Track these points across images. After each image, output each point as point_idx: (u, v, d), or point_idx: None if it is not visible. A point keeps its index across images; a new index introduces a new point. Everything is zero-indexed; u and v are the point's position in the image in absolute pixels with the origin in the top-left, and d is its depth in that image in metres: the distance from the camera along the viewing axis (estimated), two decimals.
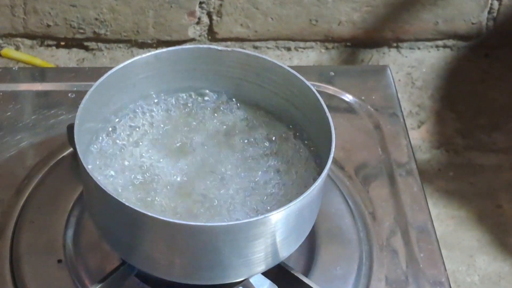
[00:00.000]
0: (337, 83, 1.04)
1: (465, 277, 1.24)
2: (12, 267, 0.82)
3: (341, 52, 1.50)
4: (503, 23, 1.51)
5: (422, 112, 1.45)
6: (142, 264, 0.76)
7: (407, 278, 0.84)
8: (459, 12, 1.47)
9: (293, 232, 0.75)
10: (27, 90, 1.00)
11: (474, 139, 1.42)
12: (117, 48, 1.46)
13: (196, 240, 0.70)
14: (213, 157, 0.81)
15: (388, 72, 1.07)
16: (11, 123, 0.96)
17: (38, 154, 0.92)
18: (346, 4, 1.43)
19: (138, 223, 0.71)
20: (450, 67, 1.52)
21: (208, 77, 0.85)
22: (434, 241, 0.88)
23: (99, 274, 0.80)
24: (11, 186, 0.89)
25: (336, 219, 0.88)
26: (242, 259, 0.73)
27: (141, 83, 0.83)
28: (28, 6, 1.38)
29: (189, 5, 1.41)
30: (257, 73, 0.83)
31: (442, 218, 1.31)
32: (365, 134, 0.99)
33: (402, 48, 1.51)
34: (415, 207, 0.91)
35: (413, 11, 1.46)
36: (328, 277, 0.83)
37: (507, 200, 1.34)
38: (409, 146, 0.97)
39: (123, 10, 1.40)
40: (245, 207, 0.77)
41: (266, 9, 1.42)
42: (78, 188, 0.87)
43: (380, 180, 0.93)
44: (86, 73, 1.02)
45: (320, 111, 0.78)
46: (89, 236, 0.84)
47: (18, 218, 0.86)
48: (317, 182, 0.72)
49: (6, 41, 1.44)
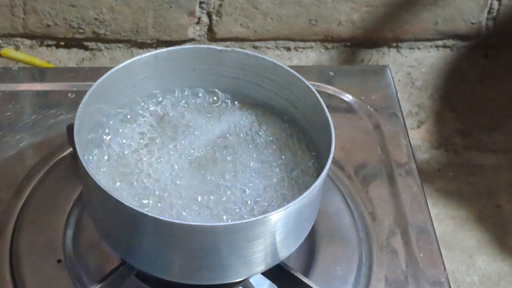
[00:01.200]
0: (337, 83, 1.04)
1: (465, 277, 1.24)
2: (12, 267, 0.82)
3: (340, 52, 1.50)
4: (503, 23, 1.51)
5: (421, 112, 1.45)
6: (142, 264, 0.76)
7: (406, 278, 0.84)
8: (459, 12, 1.47)
9: (292, 232, 0.75)
10: (26, 90, 1.00)
11: (473, 139, 1.43)
12: (117, 48, 1.46)
13: (196, 240, 0.70)
14: (212, 157, 0.81)
15: (387, 72, 1.07)
16: (11, 123, 0.96)
17: (38, 154, 0.92)
18: (345, 4, 1.43)
19: (138, 223, 0.71)
20: (450, 67, 1.52)
21: (208, 77, 0.85)
22: (434, 241, 0.88)
23: (98, 274, 0.80)
24: (11, 186, 0.89)
25: (336, 219, 0.88)
26: (242, 259, 0.73)
27: (140, 83, 0.83)
28: (27, 6, 1.38)
29: (189, 5, 1.41)
30: (257, 73, 0.83)
31: (442, 218, 1.31)
32: (365, 134, 0.99)
33: (401, 48, 1.51)
34: (414, 207, 0.91)
35: (413, 11, 1.46)
36: (328, 277, 0.83)
37: (506, 200, 1.34)
38: (408, 146, 0.97)
39: (123, 10, 1.40)
40: (244, 206, 0.76)
41: (266, 9, 1.42)
42: (78, 188, 0.87)
43: (379, 180, 0.93)
44: (85, 73, 1.02)
45: (320, 111, 0.78)
46: (89, 236, 0.84)
47: (18, 218, 0.86)
48: (317, 182, 0.72)
49: (5, 41, 1.44)
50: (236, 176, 0.79)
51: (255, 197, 0.77)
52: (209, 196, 0.77)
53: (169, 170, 0.79)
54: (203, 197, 0.77)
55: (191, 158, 0.80)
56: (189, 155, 0.81)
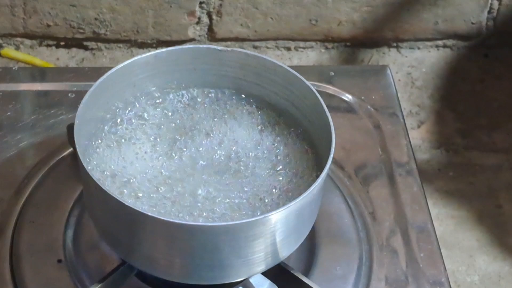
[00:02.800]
0: (337, 83, 1.04)
1: (465, 277, 1.24)
2: (12, 267, 0.82)
3: (341, 52, 1.50)
4: (503, 23, 1.51)
5: (422, 112, 1.45)
6: (142, 264, 0.76)
7: (407, 278, 0.84)
8: (459, 12, 1.47)
9: (293, 232, 0.75)
10: (27, 90, 1.00)
11: (474, 139, 1.43)
12: (117, 48, 1.46)
13: (196, 240, 0.70)
14: (213, 157, 0.81)
15: (388, 72, 1.07)
16: (11, 123, 0.96)
17: (38, 154, 0.92)
18: (346, 4, 1.43)
19: (138, 223, 0.71)
20: (450, 67, 1.52)
21: (208, 77, 0.85)
22: (434, 241, 0.88)
23: (99, 274, 0.80)
24: (11, 186, 0.89)
25: (336, 219, 0.88)
26: (242, 259, 0.73)
27: (141, 83, 0.83)
28: (28, 6, 1.38)
29: (189, 5, 1.41)
30: (257, 73, 0.83)
31: (442, 218, 1.31)
32: (365, 134, 0.99)
33: (402, 48, 1.51)
34: (415, 207, 0.91)
35: (413, 11, 1.46)
36: (328, 277, 0.83)
37: (507, 200, 1.34)
38: (409, 146, 0.97)
39: (123, 10, 1.40)
40: (244, 206, 0.76)
41: (266, 9, 1.42)
42: (78, 188, 0.87)
43: (380, 180, 0.93)
44: (86, 73, 1.02)
45: (320, 111, 0.78)
46: (89, 236, 0.84)
47: (18, 218, 0.86)
48: (317, 182, 0.72)
49: (6, 41, 1.44)
50: (236, 175, 0.79)
51: (256, 197, 0.77)
52: (210, 196, 0.77)
53: (170, 169, 0.79)
54: (204, 197, 0.77)
55: (192, 158, 0.80)
56: (190, 155, 0.81)
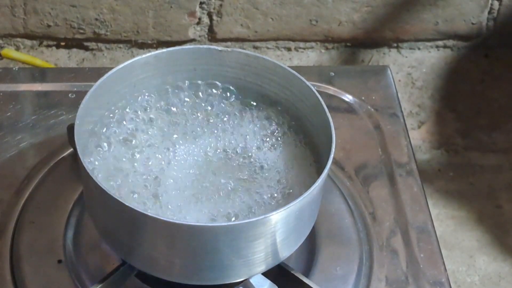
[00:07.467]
0: (337, 83, 1.04)
1: (465, 277, 1.24)
2: (12, 267, 0.82)
3: (341, 53, 1.50)
4: (503, 23, 1.51)
5: (422, 112, 1.45)
6: (142, 264, 0.76)
7: (407, 278, 0.85)
8: (459, 12, 1.47)
9: (293, 232, 0.75)
10: (27, 90, 1.00)
11: (474, 139, 1.43)
12: (117, 49, 1.46)
13: (196, 240, 0.70)
14: (213, 157, 0.81)
15: (388, 72, 1.07)
16: (11, 123, 0.96)
17: (38, 154, 0.92)
18: (346, 4, 1.43)
19: (138, 223, 0.71)
20: (450, 67, 1.52)
21: (208, 77, 0.85)
22: (434, 241, 0.88)
23: (99, 274, 0.80)
24: (11, 186, 0.89)
25: (336, 219, 0.88)
26: (242, 259, 0.73)
27: (141, 83, 0.83)
28: (28, 7, 1.38)
29: (189, 5, 1.41)
30: (257, 73, 0.83)
31: (442, 218, 1.31)
32: (365, 134, 0.99)
33: (402, 48, 1.51)
34: (415, 207, 0.91)
35: (413, 11, 1.46)
36: (328, 277, 0.83)
37: (507, 200, 1.34)
38: (409, 146, 0.97)
39: (123, 11, 1.40)
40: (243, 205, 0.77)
41: (266, 9, 1.42)
42: (78, 188, 0.87)
43: (380, 180, 0.93)
44: (86, 74, 1.02)
45: (320, 111, 0.78)
46: (89, 236, 0.84)
47: (18, 218, 0.86)
48: (317, 182, 0.72)
49: (6, 42, 1.44)
50: (235, 175, 0.79)
51: (256, 197, 0.77)
52: (210, 196, 0.77)
53: (171, 169, 0.79)
54: (204, 197, 0.77)
55: (193, 158, 0.80)
56: (191, 155, 0.81)
